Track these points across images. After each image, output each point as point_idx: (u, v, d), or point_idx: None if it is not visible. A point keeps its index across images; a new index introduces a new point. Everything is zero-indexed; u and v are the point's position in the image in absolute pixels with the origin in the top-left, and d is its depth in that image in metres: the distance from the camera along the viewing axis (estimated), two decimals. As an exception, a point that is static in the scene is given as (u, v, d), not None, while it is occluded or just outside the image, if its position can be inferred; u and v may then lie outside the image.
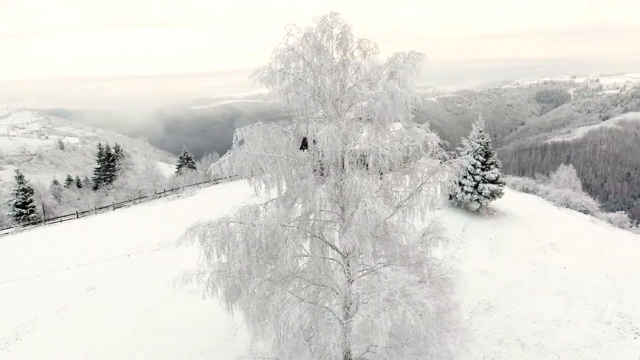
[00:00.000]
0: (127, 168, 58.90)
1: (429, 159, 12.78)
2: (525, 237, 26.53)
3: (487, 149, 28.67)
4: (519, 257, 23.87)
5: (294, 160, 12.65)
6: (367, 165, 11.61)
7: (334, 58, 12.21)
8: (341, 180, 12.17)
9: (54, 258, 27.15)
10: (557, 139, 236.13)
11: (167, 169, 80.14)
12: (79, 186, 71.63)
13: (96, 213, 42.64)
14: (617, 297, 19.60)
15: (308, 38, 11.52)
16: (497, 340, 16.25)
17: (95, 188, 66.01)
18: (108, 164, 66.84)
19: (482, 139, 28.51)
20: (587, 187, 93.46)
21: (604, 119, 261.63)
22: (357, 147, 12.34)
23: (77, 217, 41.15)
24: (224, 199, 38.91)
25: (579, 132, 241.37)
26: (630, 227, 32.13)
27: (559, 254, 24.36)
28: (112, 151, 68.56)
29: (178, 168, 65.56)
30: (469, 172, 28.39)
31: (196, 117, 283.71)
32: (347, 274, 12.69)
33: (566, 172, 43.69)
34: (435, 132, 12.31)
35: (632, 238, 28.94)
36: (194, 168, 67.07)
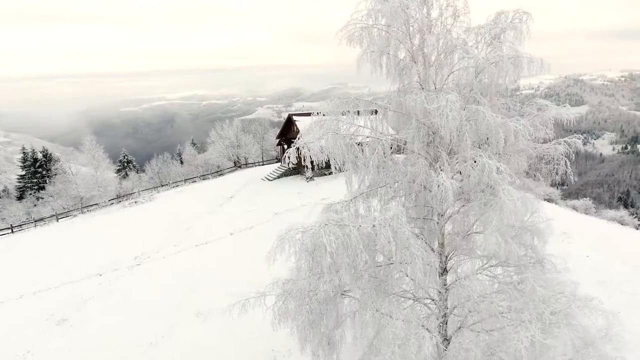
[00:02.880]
0: (64, 173, 51.36)
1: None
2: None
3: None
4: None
5: (394, 141, 9.99)
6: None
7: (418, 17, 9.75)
8: (458, 163, 9.73)
9: (-2, 285, 21.66)
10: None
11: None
12: (-5, 197, 61.73)
13: (36, 226, 36.09)
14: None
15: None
16: None
17: (21, 198, 57.11)
18: (35, 170, 58.17)
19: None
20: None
21: (520, 117, 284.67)
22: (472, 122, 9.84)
23: (12, 231, 34.44)
24: (192, 202, 34.71)
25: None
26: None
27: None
28: (39, 155, 59.87)
29: (118, 172, 59.22)
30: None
31: (126, 119, 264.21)
32: (443, 282, 10.21)
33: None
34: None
35: None
36: (143, 171, 61.04)
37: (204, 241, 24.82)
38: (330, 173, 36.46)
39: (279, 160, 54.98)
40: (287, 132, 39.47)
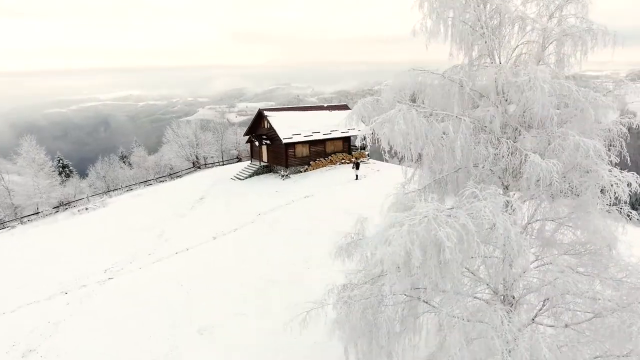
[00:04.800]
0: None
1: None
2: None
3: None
4: None
5: (472, 121, 8.81)
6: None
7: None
8: (539, 143, 8.78)
9: None
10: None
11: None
12: None
13: (-35, 241, 30.88)
14: None
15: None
16: None
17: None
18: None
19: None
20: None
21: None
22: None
23: (-64, 249, 29.12)
24: (156, 206, 31.68)
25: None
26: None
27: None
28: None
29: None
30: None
31: (54, 121, 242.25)
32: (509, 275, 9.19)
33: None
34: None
35: None
36: (86, 176, 55.79)
37: (184, 247, 22.23)
38: (306, 170, 34.90)
39: (239, 160, 52.45)
40: (257, 128, 37.29)
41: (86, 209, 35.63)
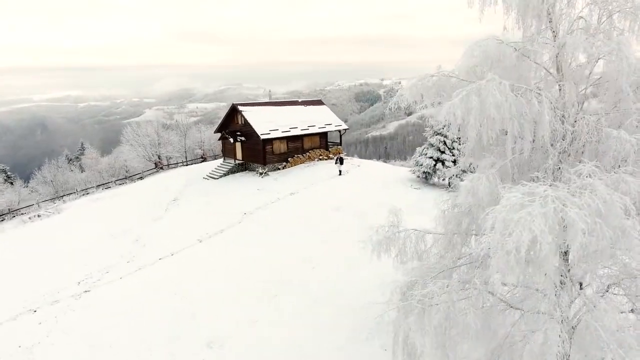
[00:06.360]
0: None
1: None
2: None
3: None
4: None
5: (553, 97, 8.11)
6: None
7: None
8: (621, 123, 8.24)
9: None
10: (376, 133, 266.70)
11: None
12: None
13: None
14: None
15: None
16: None
17: None
18: None
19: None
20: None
21: (408, 115, 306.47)
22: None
23: None
24: (122, 210, 29.00)
25: (391, 127, 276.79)
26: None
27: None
28: None
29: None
30: (447, 147, 26.92)
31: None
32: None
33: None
34: None
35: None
36: (28, 181, 50.65)
37: (168, 253, 20.09)
38: (284, 167, 33.42)
39: (204, 159, 49.79)
40: (230, 124, 35.22)
41: (38, 216, 31.90)
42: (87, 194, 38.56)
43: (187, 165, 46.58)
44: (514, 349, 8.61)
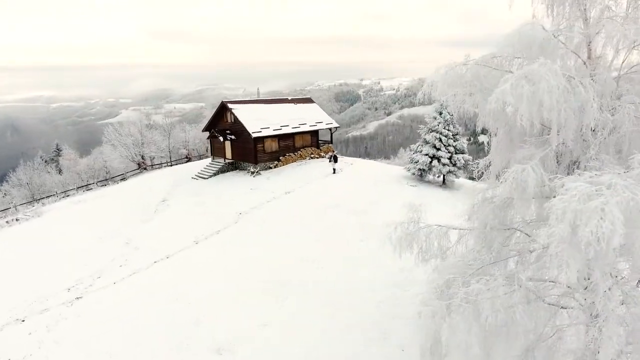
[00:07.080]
0: None
1: None
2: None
3: (452, 121, 27.62)
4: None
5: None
6: None
7: None
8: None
9: None
10: (356, 133, 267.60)
11: None
12: None
13: None
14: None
15: None
16: None
17: None
18: None
19: (446, 109, 27.19)
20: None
21: (388, 115, 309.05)
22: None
23: None
24: (108, 212, 27.95)
25: (371, 127, 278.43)
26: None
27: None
28: None
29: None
30: (442, 143, 26.79)
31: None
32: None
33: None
34: None
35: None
36: (1, 184, 48.63)
37: (163, 255, 19.18)
38: (276, 166, 32.74)
39: (189, 159, 48.53)
40: (219, 123, 34.26)
41: (16, 219, 30.21)
42: (68, 196, 36.93)
43: (171, 165, 45.27)
44: (547, 346, 8.34)
